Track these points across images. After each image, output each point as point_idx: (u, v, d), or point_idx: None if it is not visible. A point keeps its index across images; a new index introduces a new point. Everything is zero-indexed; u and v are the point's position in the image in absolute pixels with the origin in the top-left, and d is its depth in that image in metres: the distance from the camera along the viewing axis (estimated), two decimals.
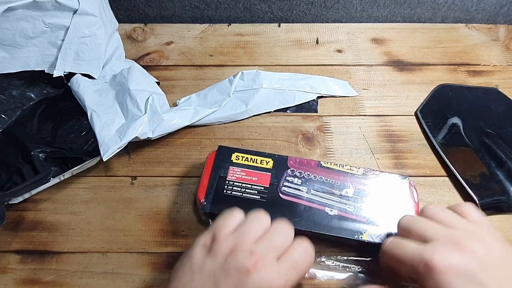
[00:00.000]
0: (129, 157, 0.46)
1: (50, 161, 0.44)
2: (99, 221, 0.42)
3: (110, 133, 0.43)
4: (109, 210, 0.43)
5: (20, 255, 0.40)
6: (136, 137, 0.43)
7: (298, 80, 0.52)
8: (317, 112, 0.51)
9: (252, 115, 0.50)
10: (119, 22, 0.60)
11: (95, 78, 0.48)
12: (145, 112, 0.44)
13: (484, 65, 0.55)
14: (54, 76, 0.45)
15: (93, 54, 0.48)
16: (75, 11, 0.45)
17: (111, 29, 0.49)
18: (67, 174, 0.43)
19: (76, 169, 0.43)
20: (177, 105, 0.50)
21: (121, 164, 0.46)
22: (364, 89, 0.53)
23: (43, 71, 0.46)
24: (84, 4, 0.45)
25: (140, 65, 0.52)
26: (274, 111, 0.50)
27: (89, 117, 0.44)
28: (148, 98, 0.45)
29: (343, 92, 0.52)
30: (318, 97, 0.52)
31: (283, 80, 0.51)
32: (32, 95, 0.49)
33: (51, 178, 0.42)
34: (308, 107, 0.51)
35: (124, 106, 0.46)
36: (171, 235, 0.41)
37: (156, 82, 0.51)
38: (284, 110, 0.51)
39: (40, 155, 0.43)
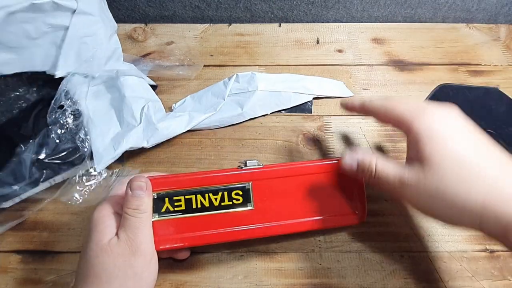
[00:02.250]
0: (123, 166, 0.46)
1: (43, 164, 0.43)
2: None
3: (105, 143, 0.43)
4: None
5: (21, 255, 0.40)
6: (131, 147, 0.43)
7: (293, 82, 0.52)
8: (311, 112, 0.51)
9: (248, 118, 0.49)
10: (119, 22, 0.60)
11: (94, 77, 0.49)
12: (140, 122, 0.44)
13: (485, 65, 0.55)
14: (56, 77, 0.45)
15: (94, 53, 0.48)
16: (73, 11, 0.45)
17: (110, 30, 0.49)
18: (58, 179, 0.42)
19: (67, 174, 0.43)
20: (172, 110, 0.50)
21: (114, 164, 0.46)
22: (365, 89, 0.53)
23: (43, 71, 0.46)
24: (82, 4, 0.45)
25: (141, 65, 0.53)
26: (271, 113, 0.50)
27: (84, 123, 0.44)
28: (144, 107, 0.45)
29: (338, 93, 0.52)
30: (314, 98, 0.52)
31: (279, 82, 0.51)
32: (30, 96, 0.48)
33: (41, 183, 0.41)
34: (303, 108, 0.51)
35: (119, 113, 0.46)
36: None
37: (154, 86, 0.51)
38: (279, 111, 0.51)
39: (33, 156, 0.43)
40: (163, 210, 0.35)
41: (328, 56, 0.56)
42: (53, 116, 0.43)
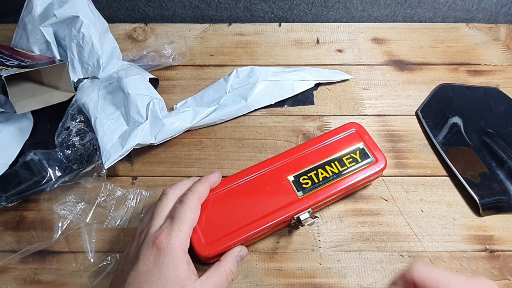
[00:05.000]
0: (131, 164, 0.46)
1: (48, 164, 0.43)
2: (103, 220, 0.42)
3: (112, 140, 0.43)
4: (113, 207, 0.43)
5: (21, 254, 0.40)
6: (138, 144, 0.43)
7: (291, 72, 0.52)
8: (313, 103, 0.51)
9: (253, 109, 0.50)
10: (119, 22, 0.60)
11: (98, 78, 0.49)
12: (147, 118, 0.44)
13: (484, 64, 0.55)
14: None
15: (90, 53, 0.48)
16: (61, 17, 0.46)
17: (100, 27, 0.50)
18: (61, 180, 0.42)
19: (70, 176, 0.43)
20: (173, 110, 0.50)
21: (122, 164, 0.46)
22: (365, 88, 0.53)
23: None
24: (66, 7, 0.47)
25: (140, 65, 0.53)
26: (275, 103, 0.51)
27: (92, 124, 0.44)
28: (149, 103, 0.45)
29: (337, 78, 0.53)
30: (314, 90, 0.52)
31: (277, 73, 0.52)
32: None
33: (45, 184, 0.41)
34: (305, 99, 0.51)
35: (126, 111, 0.46)
36: None
37: (155, 79, 0.51)
38: (282, 104, 0.51)
39: (36, 157, 0.43)
40: None
41: (328, 56, 0.56)
42: (60, 138, 0.44)
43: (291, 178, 0.40)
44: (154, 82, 0.51)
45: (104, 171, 0.42)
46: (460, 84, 0.53)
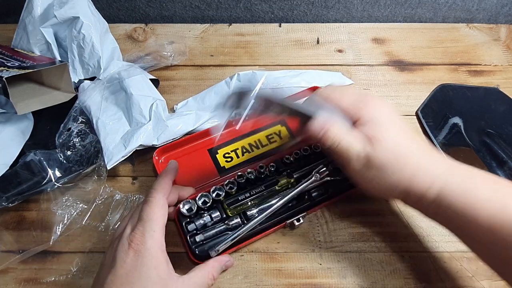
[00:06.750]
0: (133, 165, 0.46)
1: (48, 164, 0.43)
2: (101, 221, 0.42)
3: (115, 141, 0.43)
4: (110, 210, 0.43)
5: (20, 258, 0.40)
6: (141, 145, 0.43)
7: (293, 77, 0.52)
8: None
9: None
10: (119, 22, 0.60)
11: (99, 79, 0.49)
12: (150, 119, 0.45)
13: (485, 65, 0.55)
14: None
15: (91, 54, 0.48)
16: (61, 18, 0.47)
17: (101, 28, 0.50)
18: (61, 181, 0.43)
19: (70, 177, 0.43)
20: (174, 110, 0.50)
21: (123, 164, 0.46)
22: (365, 89, 0.53)
23: None
24: (66, 8, 0.47)
25: (140, 65, 0.53)
26: None
27: (94, 125, 0.44)
28: (152, 104, 0.45)
29: (337, 82, 0.53)
30: None
31: (279, 78, 0.52)
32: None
33: (45, 184, 0.41)
34: None
35: (128, 112, 0.46)
36: (172, 235, 0.41)
37: (155, 80, 0.52)
38: None
39: (36, 157, 0.43)
40: None
41: (328, 56, 0.56)
42: (61, 139, 0.44)
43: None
44: (154, 83, 0.51)
45: (105, 173, 0.42)
46: (460, 84, 0.53)
